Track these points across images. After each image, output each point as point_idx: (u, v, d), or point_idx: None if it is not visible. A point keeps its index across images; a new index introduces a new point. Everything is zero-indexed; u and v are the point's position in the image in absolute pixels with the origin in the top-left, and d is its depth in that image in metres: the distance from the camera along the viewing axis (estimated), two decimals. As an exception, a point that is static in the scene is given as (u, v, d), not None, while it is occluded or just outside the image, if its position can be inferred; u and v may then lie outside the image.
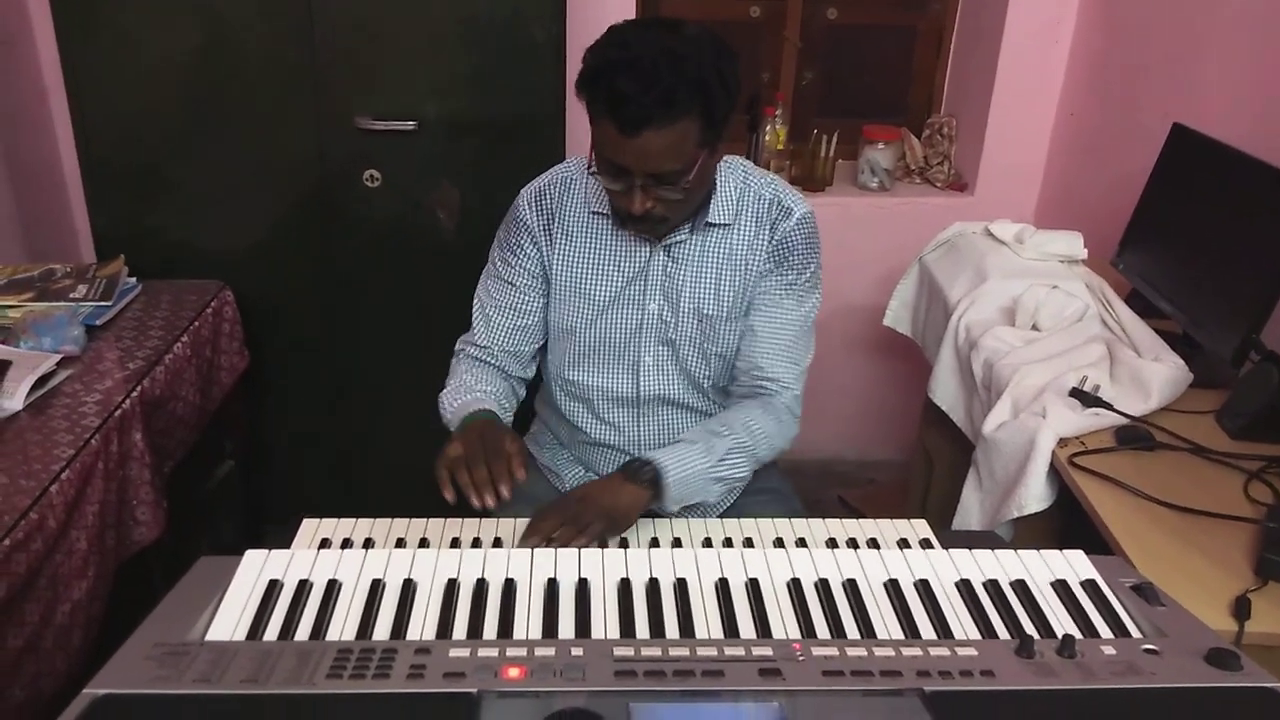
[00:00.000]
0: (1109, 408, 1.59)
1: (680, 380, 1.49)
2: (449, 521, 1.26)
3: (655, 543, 1.24)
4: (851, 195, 2.77)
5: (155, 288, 2.09)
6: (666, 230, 1.39)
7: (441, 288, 2.09)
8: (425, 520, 1.27)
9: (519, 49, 2.07)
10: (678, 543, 1.24)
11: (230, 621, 0.96)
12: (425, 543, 1.23)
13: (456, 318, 1.57)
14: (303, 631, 0.96)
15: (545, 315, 1.50)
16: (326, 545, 1.21)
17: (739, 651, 0.89)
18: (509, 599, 1.00)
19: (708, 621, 0.98)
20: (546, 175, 1.48)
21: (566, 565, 1.06)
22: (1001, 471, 1.64)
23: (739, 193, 1.42)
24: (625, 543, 1.24)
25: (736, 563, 1.07)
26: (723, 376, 1.51)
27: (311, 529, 1.25)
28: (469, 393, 1.44)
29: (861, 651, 0.90)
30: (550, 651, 0.88)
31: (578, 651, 0.89)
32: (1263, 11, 1.94)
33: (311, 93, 2.08)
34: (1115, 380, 1.67)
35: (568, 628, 0.97)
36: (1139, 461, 1.51)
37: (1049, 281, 1.93)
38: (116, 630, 1.05)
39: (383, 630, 0.96)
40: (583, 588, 1.02)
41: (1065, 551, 1.11)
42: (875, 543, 1.24)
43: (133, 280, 2.06)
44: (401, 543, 1.23)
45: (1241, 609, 1.19)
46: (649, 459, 1.31)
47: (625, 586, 1.03)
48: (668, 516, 1.32)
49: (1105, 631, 0.99)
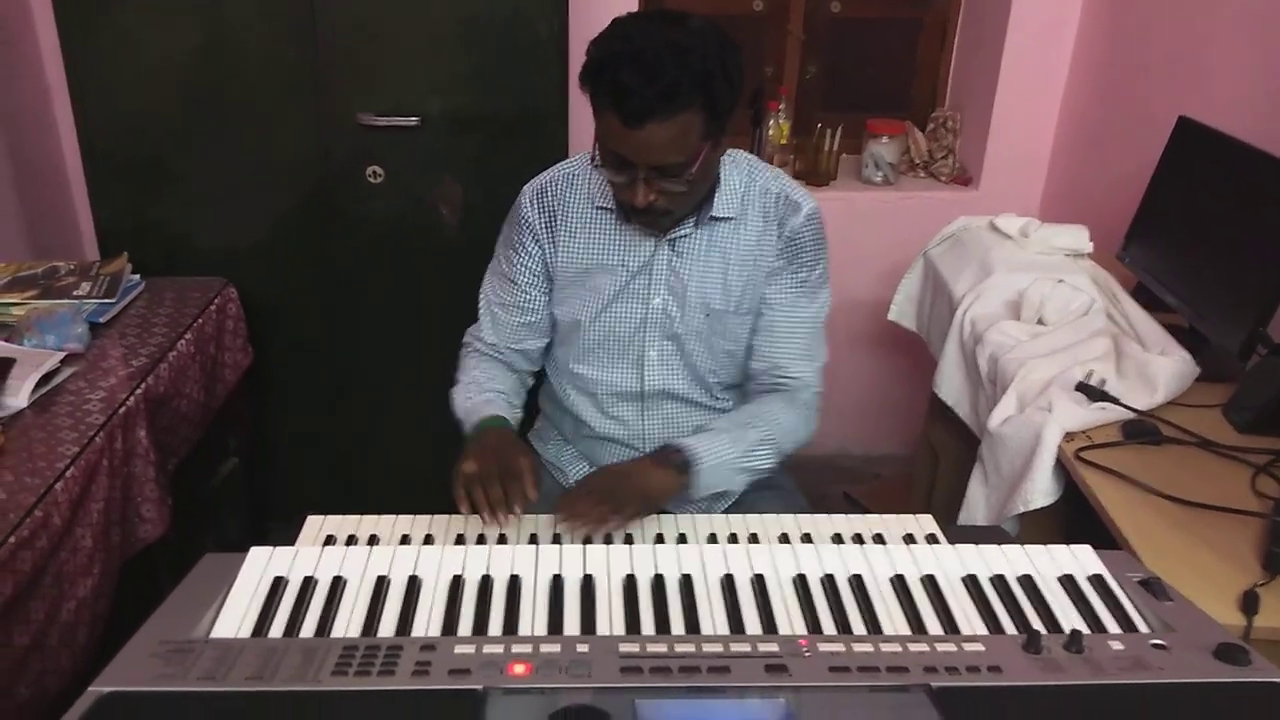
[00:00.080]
0: (1115, 402, 1.58)
1: (685, 375, 1.49)
2: (454, 518, 1.26)
3: (660, 539, 1.24)
4: (856, 189, 2.76)
5: (159, 285, 2.09)
6: (670, 223, 1.39)
7: (443, 286, 2.09)
8: (429, 517, 1.27)
9: (521, 45, 2.07)
10: (683, 539, 1.24)
11: (235, 619, 0.96)
12: (430, 539, 1.23)
13: (458, 316, 1.57)
14: (308, 629, 0.96)
15: (550, 311, 1.50)
16: (331, 542, 1.21)
17: (745, 648, 0.89)
18: (514, 595, 1.00)
19: (713, 618, 0.98)
20: (549, 171, 1.48)
21: (571, 562, 1.06)
22: (1007, 466, 1.64)
23: (744, 186, 1.42)
24: (630, 539, 1.24)
25: (742, 559, 1.07)
26: (729, 372, 1.51)
27: (316, 526, 1.24)
28: (481, 392, 1.45)
29: (868, 647, 0.90)
30: (556, 648, 0.88)
31: (583, 648, 0.88)
32: (1270, 1, 1.93)
33: (313, 91, 2.08)
34: (1121, 374, 1.67)
35: (573, 624, 0.96)
36: (1145, 456, 1.50)
37: (1054, 275, 1.92)
38: (122, 628, 1.05)
39: (388, 627, 0.96)
40: (588, 584, 1.02)
41: (1072, 546, 1.10)
42: (881, 538, 1.24)
43: (136, 277, 2.06)
44: (406, 539, 1.22)
45: (1250, 603, 1.19)
46: (679, 445, 1.32)
47: (630, 583, 1.03)
48: (674, 512, 1.32)
49: (1113, 627, 0.98)
